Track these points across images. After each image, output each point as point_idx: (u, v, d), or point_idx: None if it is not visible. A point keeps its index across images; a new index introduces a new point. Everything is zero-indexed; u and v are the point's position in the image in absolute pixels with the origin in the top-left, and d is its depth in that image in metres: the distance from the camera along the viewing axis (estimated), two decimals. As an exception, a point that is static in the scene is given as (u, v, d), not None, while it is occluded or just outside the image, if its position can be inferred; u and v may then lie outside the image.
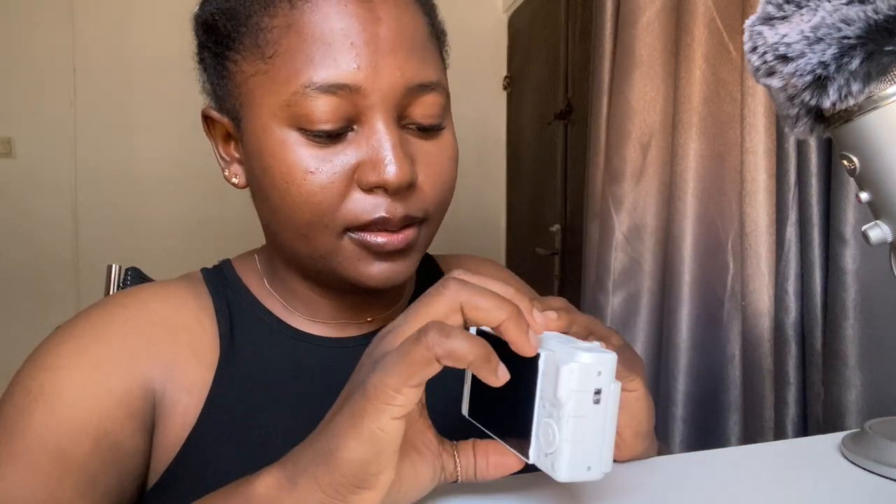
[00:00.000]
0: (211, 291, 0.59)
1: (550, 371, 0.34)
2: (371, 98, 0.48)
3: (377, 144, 0.48)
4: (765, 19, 0.42)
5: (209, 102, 0.56)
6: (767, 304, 0.95)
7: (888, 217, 0.43)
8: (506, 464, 0.40)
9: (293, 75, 0.47)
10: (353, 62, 0.47)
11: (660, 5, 1.11)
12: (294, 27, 0.48)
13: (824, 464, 0.48)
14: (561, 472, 0.34)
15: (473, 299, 0.35)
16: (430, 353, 0.33)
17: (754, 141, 0.96)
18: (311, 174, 0.48)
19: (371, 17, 0.48)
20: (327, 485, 0.34)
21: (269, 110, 0.49)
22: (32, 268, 2.07)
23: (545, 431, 0.34)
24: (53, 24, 2.07)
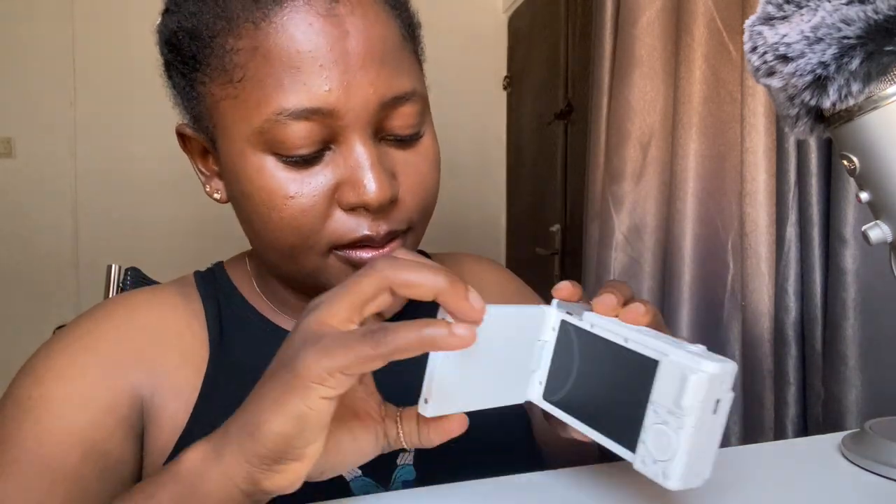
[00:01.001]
0: (202, 295, 0.59)
1: (672, 378, 0.33)
2: (345, 118, 0.46)
3: (355, 164, 0.47)
4: (765, 19, 0.42)
5: (183, 119, 0.54)
6: (767, 304, 0.95)
7: (888, 217, 0.43)
8: (450, 428, 0.39)
9: (263, 101, 0.46)
10: (325, 84, 0.45)
11: (660, 5, 1.11)
12: (260, 50, 0.46)
13: (824, 464, 0.48)
14: (674, 481, 0.33)
15: (402, 274, 0.34)
16: (382, 284, 0.34)
17: (754, 141, 0.96)
18: (292, 198, 0.47)
19: (338, 32, 0.46)
20: (252, 456, 0.34)
21: (242, 136, 0.48)
22: (32, 268, 2.07)
23: (657, 438, 0.33)
24: (53, 24, 2.07)
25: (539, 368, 0.40)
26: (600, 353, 0.37)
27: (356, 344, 0.32)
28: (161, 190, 2.13)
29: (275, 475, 0.35)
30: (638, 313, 0.38)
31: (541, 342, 0.40)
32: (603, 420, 0.37)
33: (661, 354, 0.34)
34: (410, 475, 0.54)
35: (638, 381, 0.34)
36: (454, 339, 0.33)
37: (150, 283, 0.80)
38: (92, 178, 2.11)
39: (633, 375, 0.35)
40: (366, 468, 0.52)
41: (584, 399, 0.38)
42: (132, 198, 2.13)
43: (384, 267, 0.35)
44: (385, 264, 0.35)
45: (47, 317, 1.72)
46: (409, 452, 0.54)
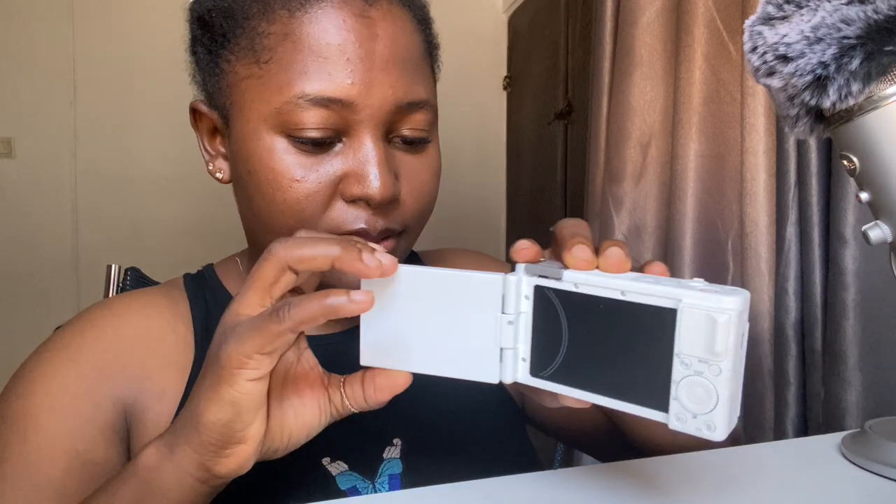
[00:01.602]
0: (189, 297, 0.59)
1: (697, 324, 0.30)
2: (361, 113, 0.48)
3: (363, 159, 0.49)
4: (765, 19, 0.42)
5: (198, 95, 0.56)
6: (767, 304, 0.95)
7: (888, 217, 0.43)
8: (392, 384, 0.39)
9: (286, 84, 0.47)
10: (348, 77, 0.47)
11: (660, 5, 1.11)
12: (291, 36, 0.48)
13: (824, 464, 0.48)
14: (721, 431, 0.31)
15: (296, 251, 0.35)
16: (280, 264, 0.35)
17: (754, 141, 0.96)
18: (297, 182, 0.49)
19: (369, 33, 0.48)
20: (199, 446, 0.36)
21: (259, 115, 0.49)
22: (32, 268, 2.07)
23: (691, 390, 0.31)
24: (53, 24, 2.06)
25: (518, 344, 0.36)
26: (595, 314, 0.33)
27: (264, 324, 0.34)
28: (161, 190, 2.13)
29: (223, 460, 0.37)
30: (620, 260, 0.34)
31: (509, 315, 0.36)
32: (617, 385, 0.33)
33: (675, 301, 0.31)
34: (397, 468, 0.54)
35: (653, 334, 0.31)
36: (353, 304, 0.34)
37: (149, 283, 0.80)
38: (92, 178, 2.11)
39: (644, 330, 0.32)
40: (352, 463, 0.53)
41: (585, 367, 0.34)
42: (132, 198, 2.13)
43: (279, 248, 0.36)
44: (279, 245, 0.36)
45: (47, 317, 1.72)
46: (395, 446, 0.55)
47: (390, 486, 0.53)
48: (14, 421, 0.49)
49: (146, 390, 0.53)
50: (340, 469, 0.52)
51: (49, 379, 0.51)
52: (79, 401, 0.50)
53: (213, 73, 0.53)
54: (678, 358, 0.31)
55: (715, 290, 0.31)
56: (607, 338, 0.33)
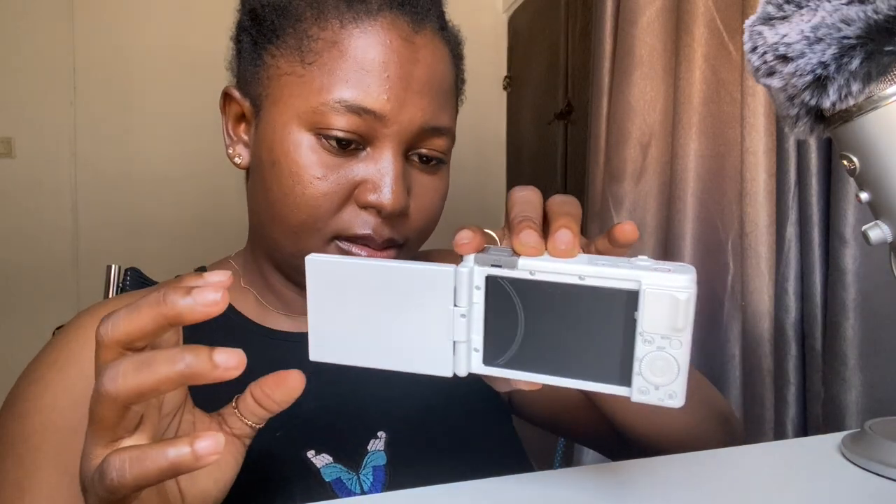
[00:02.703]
0: None
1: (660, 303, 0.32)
2: (390, 128, 0.51)
3: (383, 170, 0.51)
4: (765, 19, 0.42)
5: (233, 81, 0.58)
6: (767, 304, 0.95)
7: (888, 217, 0.43)
8: (284, 381, 0.39)
9: (327, 88, 0.50)
10: (385, 93, 0.50)
11: (660, 5, 1.11)
12: (339, 45, 0.51)
13: (824, 464, 0.48)
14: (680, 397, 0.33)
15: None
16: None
17: (754, 141, 0.96)
18: (318, 179, 0.51)
19: (411, 57, 0.51)
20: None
21: (293, 111, 0.51)
22: (32, 268, 2.07)
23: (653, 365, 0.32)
24: (53, 24, 2.06)
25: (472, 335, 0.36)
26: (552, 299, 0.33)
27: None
28: (161, 190, 2.13)
29: None
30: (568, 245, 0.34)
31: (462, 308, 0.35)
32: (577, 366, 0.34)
33: (635, 283, 0.32)
34: (381, 460, 0.55)
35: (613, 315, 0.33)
36: (214, 369, 0.30)
37: (149, 283, 0.80)
38: (92, 178, 2.11)
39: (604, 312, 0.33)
40: (336, 455, 0.54)
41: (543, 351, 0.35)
42: (132, 198, 2.13)
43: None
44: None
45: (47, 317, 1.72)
46: (379, 439, 0.56)
47: (374, 477, 0.54)
48: (10, 444, 0.50)
49: None
50: (325, 461, 0.53)
51: (40, 397, 0.52)
52: (68, 415, 0.51)
53: (254, 63, 0.55)
54: (641, 336, 0.32)
55: (667, 269, 0.32)
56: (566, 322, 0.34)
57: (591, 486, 0.44)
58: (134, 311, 0.31)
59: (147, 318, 0.31)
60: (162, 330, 0.31)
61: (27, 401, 0.52)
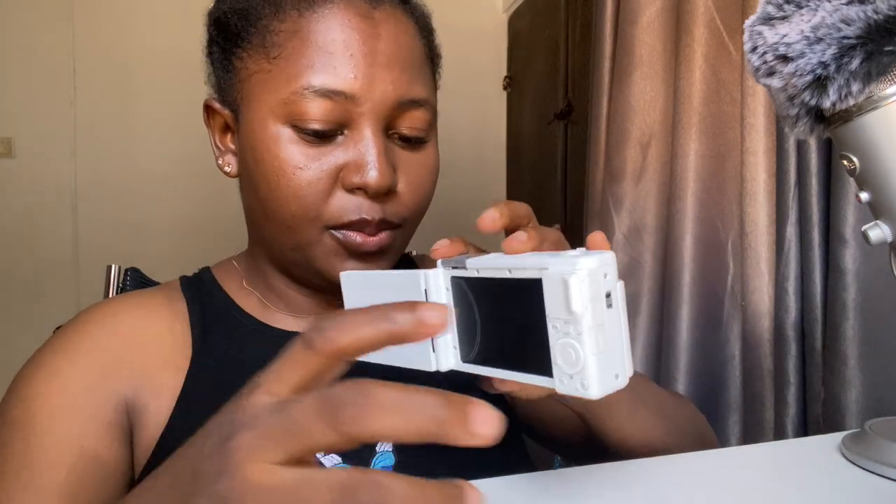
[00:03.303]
0: (186, 297, 0.60)
1: (557, 289, 0.31)
2: (363, 106, 0.51)
3: (363, 149, 0.51)
4: (765, 19, 0.42)
5: (212, 94, 0.59)
6: (767, 304, 0.95)
7: (888, 217, 0.43)
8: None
9: (294, 77, 0.50)
10: (351, 72, 0.50)
11: (660, 5, 1.11)
12: (299, 33, 0.51)
13: (824, 464, 0.48)
14: (593, 388, 0.32)
15: (349, 335, 0.27)
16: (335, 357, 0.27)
17: (754, 141, 0.96)
18: (300, 170, 0.51)
19: (372, 32, 0.51)
20: None
21: (267, 106, 0.52)
22: (32, 268, 2.07)
23: (564, 353, 0.32)
24: (53, 24, 2.06)
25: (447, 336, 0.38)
26: (493, 295, 0.35)
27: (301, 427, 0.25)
28: (161, 190, 2.13)
29: None
30: (519, 241, 0.37)
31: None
32: (518, 358, 0.35)
33: (539, 270, 0.32)
34: (390, 461, 0.55)
35: (531, 305, 0.33)
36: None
37: (149, 283, 0.80)
38: (92, 178, 2.11)
39: (526, 302, 0.33)
40: (344, 455, 0.54)
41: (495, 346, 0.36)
42: (132, 198, 2.13)
43: (328, 336, 0.27)
44: (326, 332, 0.27)
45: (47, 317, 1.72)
46: None
47: None
48: (16, 425, 0.49)
49: (146, 389, 0.54)
50: (333, 462, 0.53)
51: (49, 381, 0.51)
52: (80, 401, 0.51)
53: (226, 70, 0.56)
54: (550, 323, 0.32)
55: (577, 255, 0.32)
56: (505, 315, 0.35)
57: (591, 486, 0.44)
58: (355, 325, 0.27)
59: (371, 332, 0.27)
60: (380, 345, 0.28)
61: (34, 385, 0.51)
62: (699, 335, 1.04)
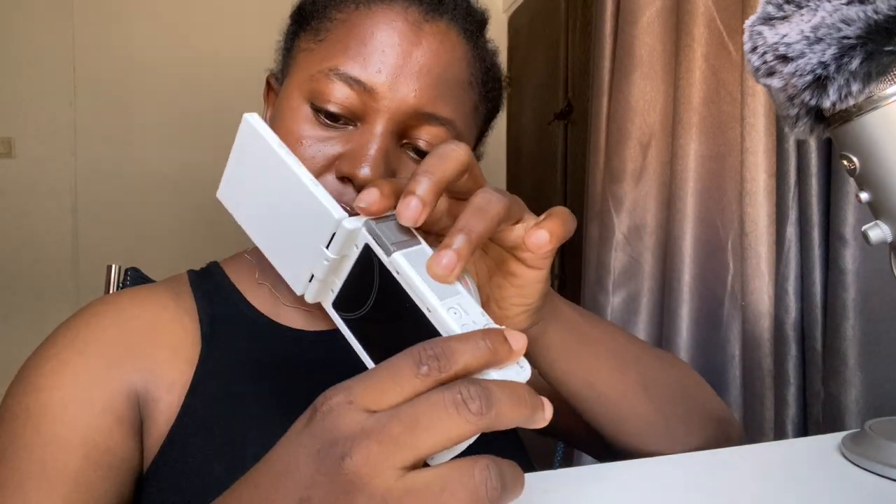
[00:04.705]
0: (194, 292, 0.60)
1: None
2: (380, 103, 0.51)
3: (365, 143, 0.51)
4: (765, 19, 0.42)
5: (276, 71, 0.61)
6: (767, 304, 0.95)
7: (888, 217, 0.43)
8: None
9: (327, 58, 0.52)
10: (379, 67, 0.51)
11: (660, 5, 1.11)
12: (348, 23, 0.53)
13: (824, 464, 0.48)
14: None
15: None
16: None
17: (754, 141, 0.96)
18: (301, 144, 0.52)
19: (413, 39, 0.52)
20: None
21: (297, 82, 0.54)
22: (32, 268, 2.07)
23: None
24: (53, 24, 2.06)
25: (331, 278, 0.36)
26: (399, 304, 0.33)
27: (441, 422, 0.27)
28: (161, 190, 2.13)
29: None
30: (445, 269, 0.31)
31: (330, 256, 0.35)
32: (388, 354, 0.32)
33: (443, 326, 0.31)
34: None
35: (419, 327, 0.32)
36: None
37: (149, 283, 0.80)
38: (92, 178, 2.11)
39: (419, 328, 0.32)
40: None
41: (375, 334, 0.35)
42: (132, 198, 2.13)
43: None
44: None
45: (47, 317, 1.72)
46: None
47: None
48: (26, 416, 0.49)
49: (155, 381, 0.54)
50: None
51: (58, 373, 0.51)
52: (91, 392, 0.50)
53: (287, 49, 0.59)
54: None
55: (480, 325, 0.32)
56: (399, 325, 0.33)
57: (591, 486, 0.44)
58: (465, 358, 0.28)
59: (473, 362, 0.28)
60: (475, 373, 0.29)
61: (43, 376, 0.51)
62: (699, 335, 1.04)
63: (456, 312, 0.31)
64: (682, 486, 0.45)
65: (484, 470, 0.26)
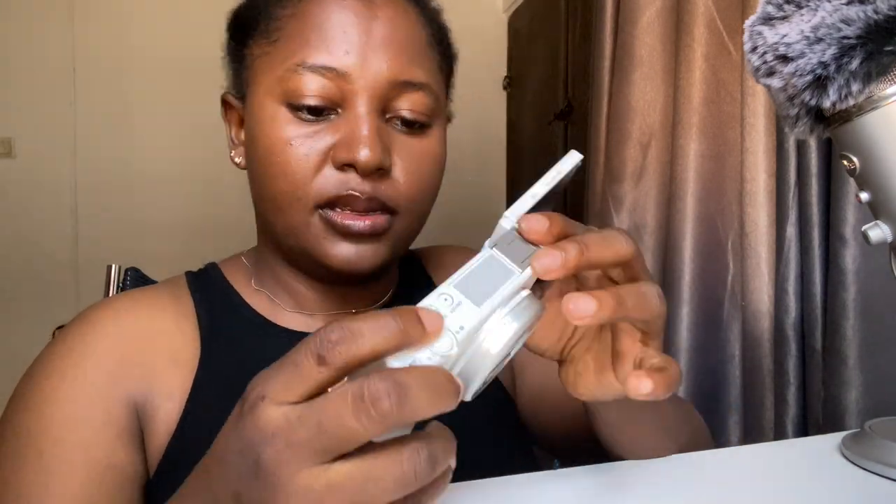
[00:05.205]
0: (193, 294, 0.59)
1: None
2: (356, 84, 0.51)
3: (355, 126, 0.51)
4: (765, 19, 0.42)
5: (229, 89, 0.60)
6: (767, 304, 0.95)
7: (888, 217, 0.43)
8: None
9: (289, 55, 0.51)
10: (344, 49, 0.51)
11: (660, 5, 1.11)
12: (298, 15, 0.52)
13: (824, 464, 0.48)
14: None
15: (356, 348, 0.26)
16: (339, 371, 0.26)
17: (754, 141, 0.96)
18: (291, 146, 0.51)
19: (368, 13, 0.52)
20: None
21: (266, 87, 0.53)
22: (32, 268, 2.06)
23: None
24: (53, 24, 2.06)
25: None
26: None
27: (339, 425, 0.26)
28: (161, 190, 2.13)
29: None
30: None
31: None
32: None
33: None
34: None
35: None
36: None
37: (149, 283, 0.80)
38: (92, 178, 2.11)
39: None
40: None
41: None
42: (132, 198, 2.13)
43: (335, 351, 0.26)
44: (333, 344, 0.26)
45: (47, 317, 1.72)
46: None
47: None
48: (27, 436, 0.49)
49: (155, 389, 0.53)
50: None
51: (56, 389, 0.51)
52: (90, 408, 0.50)
53: (237, 61, 0.57)
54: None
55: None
56: None
57: (591, 486, 0.44)
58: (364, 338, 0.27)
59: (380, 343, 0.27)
60: (387, 355, 0.28)
61: (42, 393, 0.51)
62: (699, 335, 1.04)
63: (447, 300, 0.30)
64: (682, 486, 0.45)
65: (413, 455, 0.26)
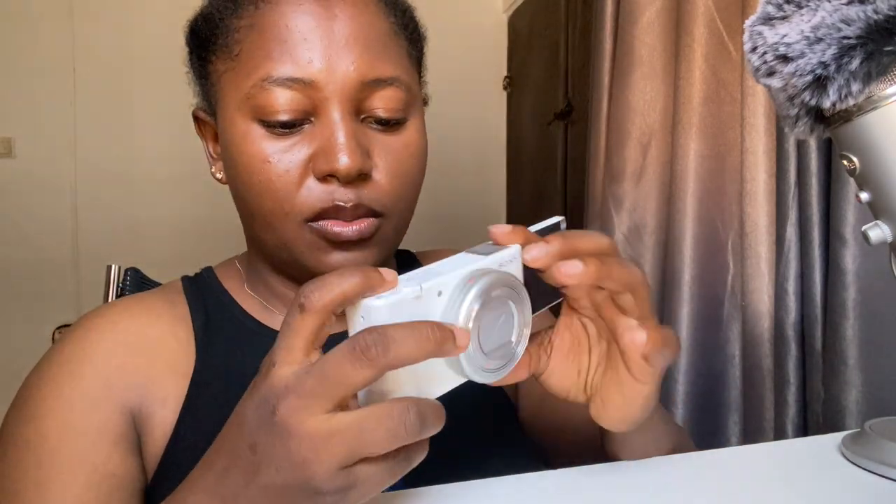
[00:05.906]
0: (189, 299, 0.59)
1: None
2: (325, 91, 0.49)
3: (330, 135, 0.50)
4: (765, 19, 0.42)
5: (198, 104, 0.59)
6: (767, 304, 0.95)
7: (888, 217, 0.43)
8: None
9: (253, 70, 0.50)
10: (308, 57, 0.49)
11: (660, 5, 1.11)
12: (256, 26, 0.50)
13: (824, 464, 0.48)
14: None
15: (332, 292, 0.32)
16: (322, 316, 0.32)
17: (754, 141, 0.96)
18: (269, 163, 0.50)
19: (326, 14, 0.50)
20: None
21: (234, 104, 0.51)
22: (32, 268, 2.06)
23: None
24: (53, 24, 2.06)
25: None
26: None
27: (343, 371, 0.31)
28: (161, 190, 2.13)
29: None
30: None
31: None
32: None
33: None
34: None
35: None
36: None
37: (149, 283, 0.80)
38: (92, 178, 2.11)
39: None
40: None
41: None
42: (132, 198, 2.13)
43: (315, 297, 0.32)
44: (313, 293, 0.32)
45: (47, 317, 1.72)
46: None
47: None
48: (26, 447, 0.49)
49: (150, 396, 0.53)
50: None
51: (54, 398, 0.51)
52: (87, 417, 0.50)
53: (203, 76, 0.56)
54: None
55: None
56: None
57: (591, 486, 0.44)
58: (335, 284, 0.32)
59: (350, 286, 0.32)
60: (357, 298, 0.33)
61: (41, 401, 0.51)
62: (699, 335, 1.04)
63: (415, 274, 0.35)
64: (682, 486, 0.45)
65: (404, 411, 0.31)
